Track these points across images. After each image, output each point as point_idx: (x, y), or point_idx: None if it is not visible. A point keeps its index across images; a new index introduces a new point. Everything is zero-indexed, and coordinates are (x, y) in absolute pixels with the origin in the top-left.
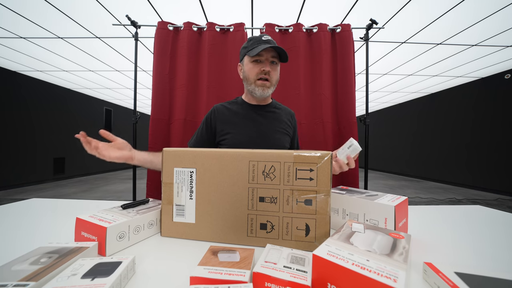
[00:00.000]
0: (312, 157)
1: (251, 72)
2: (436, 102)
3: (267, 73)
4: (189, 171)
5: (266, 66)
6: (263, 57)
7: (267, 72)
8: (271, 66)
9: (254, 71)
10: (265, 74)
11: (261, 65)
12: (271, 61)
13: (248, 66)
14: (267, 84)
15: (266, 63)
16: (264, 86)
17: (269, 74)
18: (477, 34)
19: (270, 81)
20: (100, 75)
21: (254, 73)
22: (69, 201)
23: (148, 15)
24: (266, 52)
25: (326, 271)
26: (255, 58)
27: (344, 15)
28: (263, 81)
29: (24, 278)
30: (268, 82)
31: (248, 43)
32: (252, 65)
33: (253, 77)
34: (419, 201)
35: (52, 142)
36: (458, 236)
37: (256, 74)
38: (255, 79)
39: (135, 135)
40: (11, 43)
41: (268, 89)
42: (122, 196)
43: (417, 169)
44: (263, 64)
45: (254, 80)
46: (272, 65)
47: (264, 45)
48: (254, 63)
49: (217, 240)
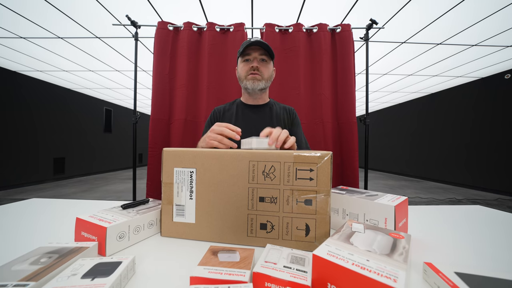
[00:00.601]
0: (312, 157)
1: (242, 70)
2: (436, 102)
3: (255, 68)
4: (189, 171)
5: (254, 63)
6: (251, 55)
7: (256, 67)
8: (260, 63)
9: (244, 69)
10: (254, 70)
11: (250, 63)
12: (260, 59)
13: (240, 66)
14: (258, 77)
15: (254, 61)
16: (255, 79)
17: (259, 69)
18: (477, 34)
19: (260, 75)
20: (100, 75)
21: (244, 70)
22: (69, 201)
23: (148, 15)
24: (254, 51)
25: (326, 271)
26: (245, 58)
27: (344, 15)
28: (253, 75)
29: (24, 278)
30: (259, 75)
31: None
32: (243, 64)
33: (244, 74)
34: (419, 201)
35: (52, 142)
36: (458, 236)
37: (246, 71)
38: (246, 75)
39: (135, 135)
40: (11, 43)
41: (259, 82)
42: (122, 196)
43: (417, 169)
44: (251, 62)
45: (245, 76)
46: (261, 62)
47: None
48: (245, 63)
49: (217, 240)
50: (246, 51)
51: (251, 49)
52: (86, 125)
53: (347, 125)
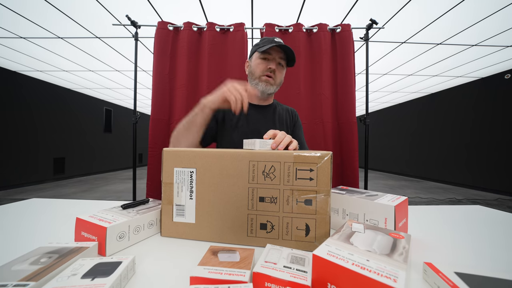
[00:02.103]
0: (312, 157)
1: (258, 67)
2: (436, 102)
3: (272, 71)
4: (189, 171)
5: (273, 64)
6: (272, 55)
7: (273, 70)
8: (278, 67)
9: (260, 67)
10: (270, 72)
11: (268, 63)
12: (278, 62)
13: (256, 61)
14: (271, 81)
15: (273, 62)
16: (268, 82)
17: (274, 72)
18: (477, 34)
19: (274, 79)
20: (100, 75)
21: (260, 69)
22: (69, 201)
23: (148, 15)
24: (275, 52)
25: (326, 271)
26: (264, 56)
27: (344, 15)
28: (267, 77)
29: (24, 278)
30: (272, 79)
31: (261, 41)
32: (259, 61)
33: (258, 73)
34: (419, 201)
35: (52, 142)
36: (458, 236)
37: (262, 70)
38: (260, 74)
39: (135, 135)
40: (11, 43)
41: (271, 86)
42: (122, 196)
43: (417, 169)
44: (270, 62)
45: (259, 75)
46: (278, 66)
47: (274, 44)
48: (262, 60)
49: (217, 240)
50: (268, 50)
51: (274, 49)
52: (86, 125)
53: (347, 125)
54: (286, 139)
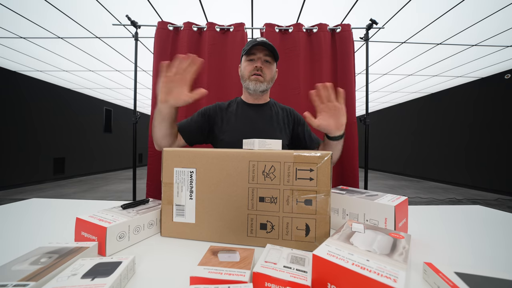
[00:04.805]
0: (312, 157)
1: (246, 69)
2: (436, 102)
3: (259, 69)
4: (189, 171)
5: (258, 63)
6: (256, 55)
7: (259, 68)
8: (264, 64)
9: (248, 68)
10: (257, 71)
11: (254, 63)
12: (264, 59)
13: (244, 64)
14: (260, 79)
15: (258, 61)
16: (257, 80)
17: (262, 70)
18: (477, 34)
19: (263, 76)
20: (100, 75)
21: (248, 70)
22: (69, 201)
23: (148, 15)
24: (259, 51)
25: (326, 271)
26: (250, 57)
27: (344, 15)
28: (256, 76)
29: (24, 278)
30: (261, 77)
31: (246, 45)
32: (246, 63)
33: (247, 74)
34: (419, 201)
35: (52, 142)
36: (458, 236)
37: (250, 71)
38: (248, 75)
39: (135, 135)
40: (11, 43)
41: (261, 84)
42: (122, 196)
43: (417, 169)
44: (256, 62)
45: (248, 76)
46: (265, 63)
47: (254, 43)
48: (249, 62)
49: (217, 240)
50: (251, 51)
51: (256, 49)
52: (86, 125)
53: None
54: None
